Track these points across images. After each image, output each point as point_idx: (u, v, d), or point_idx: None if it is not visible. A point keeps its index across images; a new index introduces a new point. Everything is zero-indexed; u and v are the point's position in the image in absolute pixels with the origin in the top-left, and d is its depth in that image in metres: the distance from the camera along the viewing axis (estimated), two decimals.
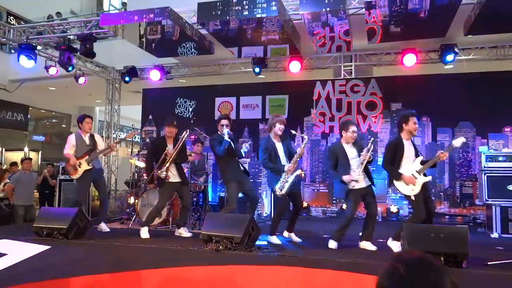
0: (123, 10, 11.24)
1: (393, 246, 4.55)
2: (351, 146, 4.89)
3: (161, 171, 5.40)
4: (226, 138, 5.23)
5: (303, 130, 8.76)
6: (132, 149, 9.75)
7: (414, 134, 4.69)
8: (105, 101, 9.87)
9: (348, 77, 8.23)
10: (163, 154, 5.49)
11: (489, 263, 3.88)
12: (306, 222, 7.29)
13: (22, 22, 10.76)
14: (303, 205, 8.26)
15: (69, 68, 7.70)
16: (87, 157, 5.85)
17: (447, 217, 7.79)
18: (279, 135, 5.19)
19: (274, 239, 5.08)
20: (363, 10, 5.88)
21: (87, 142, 5.98)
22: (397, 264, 1.11)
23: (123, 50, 8.75)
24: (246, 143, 5.50)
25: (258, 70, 8.17)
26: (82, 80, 8.79)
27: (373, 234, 4.73)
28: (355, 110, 8.50)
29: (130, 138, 7.83)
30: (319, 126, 8.76)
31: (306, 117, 8.84)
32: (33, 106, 12.51)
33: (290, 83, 8.98)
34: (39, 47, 7.94)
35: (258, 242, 4.74)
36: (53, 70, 8.19)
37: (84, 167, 5.82)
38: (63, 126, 14.35)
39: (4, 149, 12.00)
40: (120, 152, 10.06)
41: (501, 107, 7.60)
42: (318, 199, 8.67)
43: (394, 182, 4.62)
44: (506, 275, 3.59)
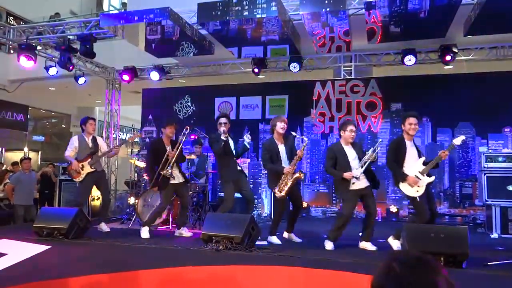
0: (123, 10, 11.26)
1: (393, 244, 4.56)
2: (351, 147, 4.87)
3: (166, 171, 5.41)
4: (222, 137, 5.23)
5: (303, 130, 8.76)
6: (132, 149, 9.75)
7: (410, 134, 4.65)
8: (104, 101, 9.86)
9: (348, 77, 8.22)
10: (165, 155, 5.50)
11: (489, 263, 3.89)
12: (306, 222, 7.29)
13: (22, 22, 10.76)
14: (303, 205, 8.30)
15: (69, 67, 7.65)
16: (90, 159, 5.85)
17: (447, 217, 7.79)
18: (283, 137, 5.17)
19: (274, 239, 5.09)
20: (363, 10, 5.89)
21: (90, 144, 5.97)
22: (392, 262, 1.11)
23: (123, 50, 8.75)
24: (247, 134, 5.36)
25: (257, 70, 8.14)
26: (82, 80, 8.78)
27: (373, 234, 4.74)
28: (355, 110, 8.50)
29: (132, 140, 7.83)
30: (319, 126, 8.76)
31: (306, 117, 8.85)
32: (32, 106, 12.48)
33: (290, 83, 8.98)
34: (39, 47, 7.93)
35: (258, 242, 4.74)
36: (53, 70, 8.17)
37: (86, 170, 5.82)
38: (63, 126, 14.34)
39: (4, 149, 12.00)
40: (120, 152, 10.05)
41: (501, 108, 7.59)
42: (318, 199, 8.67)
43: (401, 185, 4.58)
44: (506, 275, 3.59)
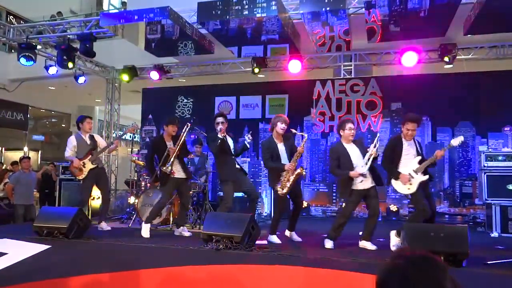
0: (123, 9, 11.26)
1: (392, 239, 4.56)
2: (352, 145, 4.85)
3: (166, 167, 5.41)
4: (219, 135, 5.23)
5: (303, 130, 8.75)
6: (132, 148, 9.75)
7: (406, 139, 4.63)
8: (104, 100, 9.86)
9: (348, 76, 8.22)
10: (166, 151, 5.50)
11: (489, 262, 3.89)
12: (306, 221, 7.29)
13: (21, 22, 10.75)
14: (304, 204, 8.29)
15: (69, 64, 7.55)
16: (90, 156, 5.88)
17: (447, 216, 7.79)
18: (282, 136, 5.15)
19: (274, 239, 5.08)
20: (363, 9, 5.89)
21: (88, 142, 5.99)
22: (399, 260, 1.11)
23: (123, 49, 8.74)
24: (248, 134, 5.34)
25: (258, 70, 8.13)
26: (81, 79, 8.78)
27: (373, 234, 4.74)
28: (355, 109, 8.50)
29: (131, 132, 7.83)
30: (319, 125, 8.76)
31: (306, 116, 8.85)
32: (32, 106, 12.48)
33: (290, 83, 8.97)
34: (39, 47, 7.93)
35: (258, 242, 4.74)
36: (52, 70, 8.17)
37: (88, 167, 5.85)
38: (63, 125, 14.33)
39: (3, 148, 11.99)
40: (120, 151, 10.06)
41: (500, 107, 7.59)
42: (318, 199, 8.68)
43: (392, 181, 4.64)
44: (506, 274, 3.59)
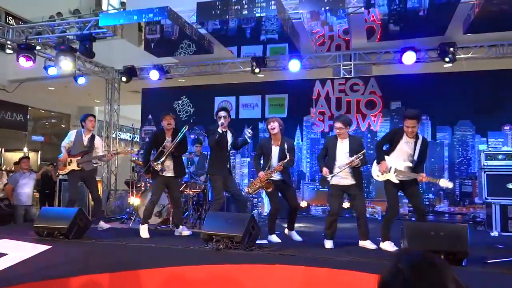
0: (122, 9, 11.25)
1: (386, 247, 4.56)
2: (344, 141, 4.84)
3: (156, 163, 5.40)
4: (219, 129, 5.22)
5: (303, 129, 8.78)
6: (132, 148, 9.74)
7: (408, 136, 4.60)
8: (104, 101, 9.86)
9: (347, 76, 8.22)
10: (161, 147, 5.49)
11: (489, 261, 3.89)
12: (306, 221, 7.29)
13: (21, 22, 10.73)
14: (302, 205, 8.28)
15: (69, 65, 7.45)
16: (79, 158, 5.87)
17: (447, 215, 7.79)
18: (280, 139, 5.15)
19: (274, 238, 5.08)
20: (362, 9, 5.88)
21: (85, 143, 5.97)
22: (400, 263, 1.10)
23: (122, 49, 8.74)
24: (248, 129, 5.34)
25: (257, 70, 8.12)
26: (81, 80, 8.77)
27: (368, 231, 4.72)
28: (355, 109, 8.50)
29: (125, 155, 7.82)
30: (319, 125, 8.76)
31: (305, 116, 8.85)
32: (32, 106, 12.47)
33: (290, 82, 8.98)
34: (38, 47, 7.92)
35: (258, 241, 4.74)
36: (52, 70, 8.17)
37: (72, 166, 5.84)
38: (63, 126, 14.31)
39: (3, 149, 11.98)
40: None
41: (500, 105, 7.60)
42: (318, 198, 8.67)
43: (374, 162, 4.81)
44: (506, 273, 3.59)
